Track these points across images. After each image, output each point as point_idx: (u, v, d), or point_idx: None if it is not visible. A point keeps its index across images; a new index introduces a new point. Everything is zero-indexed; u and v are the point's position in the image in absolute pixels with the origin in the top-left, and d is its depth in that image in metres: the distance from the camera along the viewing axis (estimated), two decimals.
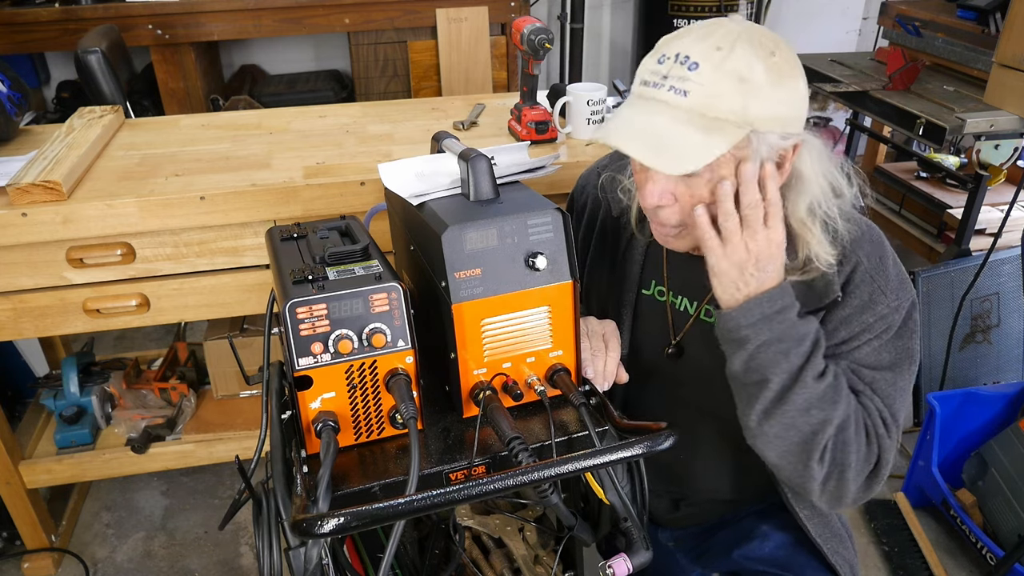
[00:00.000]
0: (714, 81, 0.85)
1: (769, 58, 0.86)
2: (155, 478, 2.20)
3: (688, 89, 0.86)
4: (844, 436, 0.95)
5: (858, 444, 0.96)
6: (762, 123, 0.87)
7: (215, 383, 2.02)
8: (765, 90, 0.86)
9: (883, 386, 0.99)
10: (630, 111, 0.93)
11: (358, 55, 3.08)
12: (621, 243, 1.15)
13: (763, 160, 0.90)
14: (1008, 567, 1.71)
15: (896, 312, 0.99)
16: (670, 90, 0.87)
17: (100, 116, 1.80)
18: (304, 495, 0.81)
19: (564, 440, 0.92)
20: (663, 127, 0.88)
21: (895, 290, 0.99)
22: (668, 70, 0.88)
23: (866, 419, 0.98)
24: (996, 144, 2.41)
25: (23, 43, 2.81)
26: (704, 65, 0.85)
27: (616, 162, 1.18)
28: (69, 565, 1.94)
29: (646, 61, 0.92)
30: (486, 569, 1.19)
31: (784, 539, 1.15)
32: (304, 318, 0.83)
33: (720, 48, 0.85)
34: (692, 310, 1.11)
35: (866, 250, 1.00)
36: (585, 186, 1.25)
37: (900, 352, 1.00)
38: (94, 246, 1.48)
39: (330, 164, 1.60)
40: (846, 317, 0.99)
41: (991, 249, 2.12)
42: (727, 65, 0.85)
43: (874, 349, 0.99)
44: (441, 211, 0.92)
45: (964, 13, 2.39)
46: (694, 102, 0.86)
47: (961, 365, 2.27)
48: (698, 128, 0.86)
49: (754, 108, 0.86)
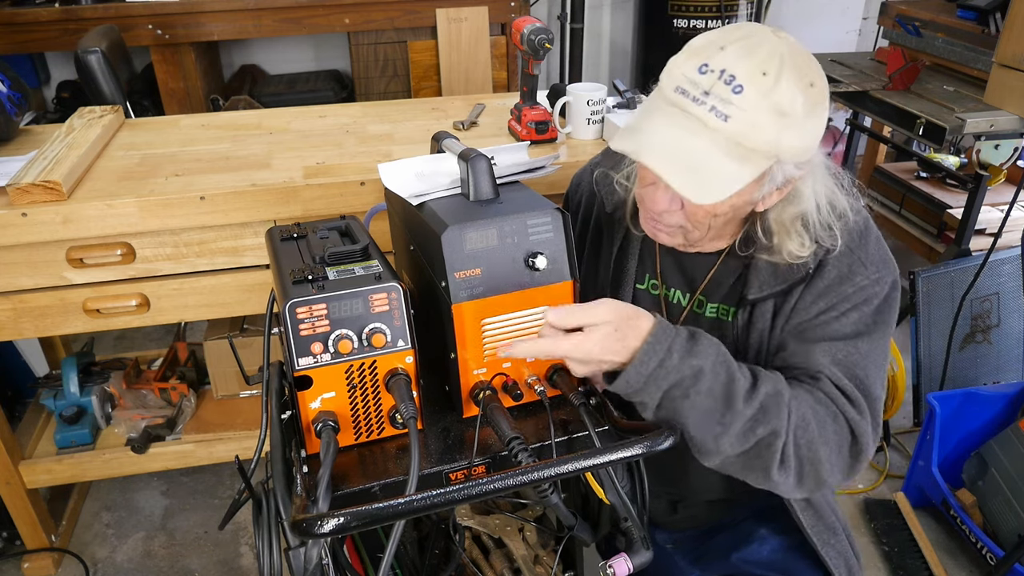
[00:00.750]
0: (756, 110, 0.84)
1: (808, 89, 0.86)
2: (155, 478, 2.20)
3: (730, 114, 0.84)
4: (805, 437, 0.91)
5: (824, 438, 0.93)
6: (787, 154, 0.87)
7: (215, 383, 2.02)
8: (799, 123, 0.86)
9: (856, 359, 0.97)
10: (665, 122, 0.88)
11: (358, 55, 3.08)
12: (615, 239, 1.15)
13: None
14: (1008, 567, 1.71)
15: (876, 285, 0.98)
16: (711, 111, 0.84)
17: (100, 116, 1.80)
18: (304, 495, 0.81)
19: (564, 440, 0.92)
20: (701, 152, 0.86)
21: (875, 263, 0.98)
22: (711, 86, 0.85)
23: (831, 408, 0.94)
24: (996, 144, 2.41)
25: (23, 43, 2.81)
26: (749, 91, 0.83)
27: (610, 158, 1.18)
28: (69, 565, 1.94)
29: (682, 64, 0.88)
30: (486, 569, 1.19)
31: (782, 542, 1.15)
32: (304, 318, 0.83)
33: (766, 73, 0.84)
34: (685, 302, 1.11)
35: (848, 230, 0.99)
36: (579, 184, 1.26)
37: (877, 325, 0.98)
38: (94, 246, 1.48)
39: (330, 164, 1.60)
40: (823, 289, 0.98)
41: (991, 249, 2.12)
42: (773, 96, 0.83)
43: (851, 321, 0.98)
44: (441, 211, 0.92)
45: (964, 13, 2.39)
46: (733, 129, 0.84)
47: (961, 365, 2.27)
48: (733, 157, 0.85)
49: (785, 140, 0.86)
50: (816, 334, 0.99)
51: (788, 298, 1.01)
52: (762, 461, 0.91)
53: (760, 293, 1.01)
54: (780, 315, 1.02)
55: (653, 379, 0.86)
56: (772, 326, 1.02)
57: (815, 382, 0.96)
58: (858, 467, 0.97)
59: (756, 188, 0.92)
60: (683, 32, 3.37)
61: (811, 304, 0.99)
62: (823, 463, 0.93)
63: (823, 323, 0.99)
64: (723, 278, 1.08)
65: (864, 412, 0.96)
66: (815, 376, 0.97)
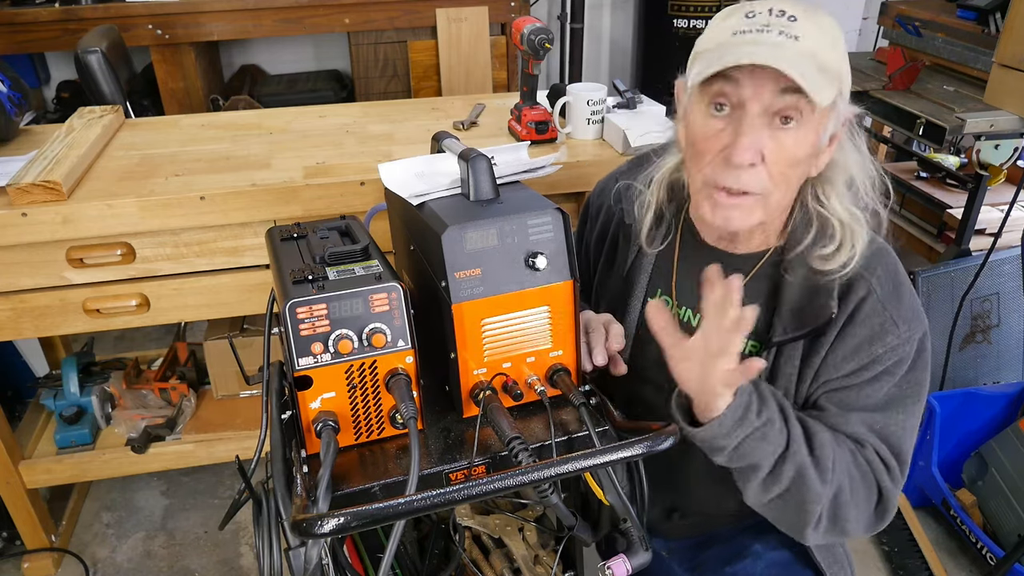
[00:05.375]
0: (816, 34, 0.86)
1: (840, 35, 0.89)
2: (155, 478, 2.20)
3: (798, 34, 0.85)
4: (839, 501, 0.95)
5: (856, 503, 0.96)
6: (845, 85, 0.90)
7: (215, 383, 2.02)
8: (844, 57, 0.89)
9: (893, 429, 0.97)
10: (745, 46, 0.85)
11: (358, 55, 3.08)
12: (632, 250, 1.14)
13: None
14: (1008, 567, 1.71)
15: (907, 344, 0.96)
16: (780, 34, 0.85)
17: (100, 116, 1.80)
18: (304, 495, 0.81)
19: (564, 440, 0.92)
20: (792, 57, 0.84)
21: (907, 320, 0.96)
22: (768, 21, 0.86)
23: (868, 476, 0.97)
24: (996, 144, 2.41)
25: (23, 43, 2.81)
26: (802, 19, 0.86)
27: (633, 169, 1.16)
28: (69, 565, 1.94)
29: (727, 20, 0.89)
30: (486, 569, 1.19)
31: (775, 559, 1.14)
32: (304, 318, 0.83)
33: (807, 10, 0.87)
34: (695, 322, 1.10)
35: (879, 277, 0.97)
36: (603, 192, 1.23)
37: (911, 388, 0.98)
38: (94, 246, 1.48)
39: (330, 164, 1.60)
40: (855, 347, 0.96)
41: (991, 249, 2.12)
42: (822, 23, 0.87)
43: (885, 387, 0.97)
44: (441, 211, 0.92)
45: (964, 13, 2.38)
46: (806, 46, 0.85)
47: (961, 365, 2.27)
48: (817, 69, 0.86)
49: (843, 70, 0.89)
50: (851, 399, 0.98)
51: (816, 347, 0.98)
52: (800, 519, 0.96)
53: (784, 336, 0.99)
54: (809, 366, 0.99)
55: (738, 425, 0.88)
56: (800, 376, 1.00)
57: (858, 447, 0.98)
58: (880, 525, 1.00)
59: (825, 124, 0.91)
60: (683, 32, 3.37)
61: (842, 362, 0.97)
62: (849, 522, 0.96)
63: (857, 387, 0.97)
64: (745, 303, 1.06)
65: (897, 479, 0.98)
66: (856, 440, 0.98)
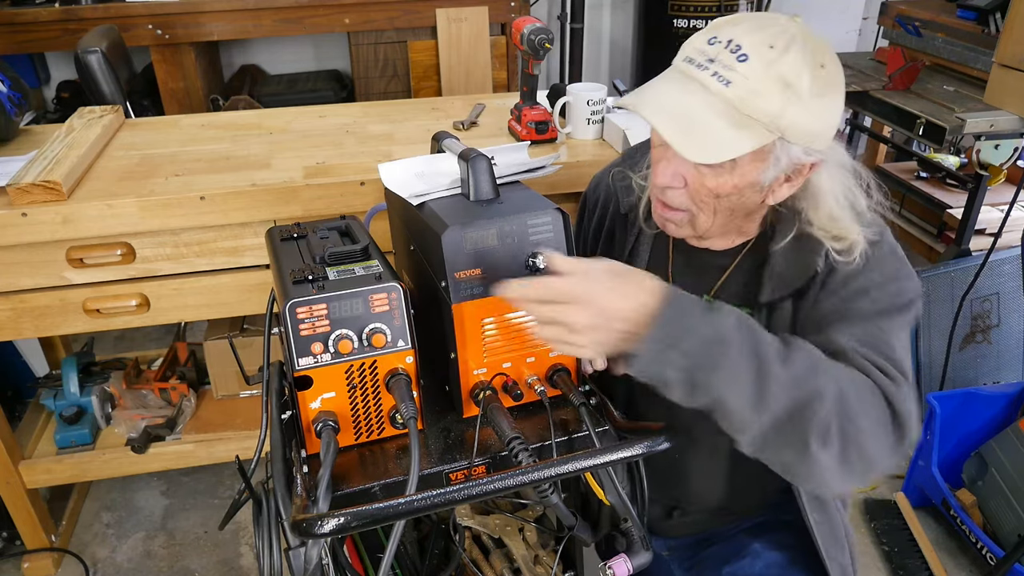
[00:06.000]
0: (759, 79, 0.84)
1: (818, 69, 0.86)
2: (155, 478, 2.20)
3: (732, 80, 0.85)
4: (845, 405, 0.84)
5: (864, 410, 0.85)
6: (792, 133, 0.87)
7: (215, 383, 2.02)
8: (805, 100, 0.85)
9: (880, 336, 0.93)
10: (666, 85, 0.91)
11: (358, 55, 3.08)
12: (628, 239, 1.15)
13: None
14: (1008, 567, 1.71)
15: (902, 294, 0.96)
16: (714, 75, 0.86)
17: (100, 116, 1.80)
18: (304, 495, 0.81)
19: (564, 440, 0.92)
20: (696, 111, 0.87)
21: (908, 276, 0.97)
22: (716, 54, 0.87)
23: (867, 381, 0.88)
24: (996, 144, 2.41)
25: (23, 43, 2.81)
26: (753, 60, 0.85)
27: (628, 159, 1.18)
28: (69, 565, 1.94)
29: (695, 39, 0.91)
30: (486, 569, 1.19)
31: (774, 559, 1.14)
32: (304, 318, 0.83)
33: (773, 47, 0.85)
34: None
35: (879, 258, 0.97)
36: (598, 184, 1.25)
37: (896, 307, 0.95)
38: (94, 246, 1.48)
39: (330, 164, 1.60)
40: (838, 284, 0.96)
41: (991, 249, 2.12)
42: (777, 67, 0.84)
43: (869, 301, 0.95)
44: (441, 211, 0.92)
45: (964, 13, 2.39)
46: (733, 94, 0.85)
47: (961, 365, 2.27)
48: (729, 122, 0.86)
49: (789, 116, 0.85)
50: (832, 319, 0.95)
51: (803, 302, 0.99)
52: (800, 432, 0.82)
53: (773, 296, 0.99)
54: (799, 322, 0.99)
55: (676, 342, 0.79)
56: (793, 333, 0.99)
57: (845, 358, 0.90)
58: (902, 445, 0.89)
59: (759, 168, 0.90)
60: (683, 32, 3.37)
61: (824, 300, 0.97)
62: (867, 436, 0.85)
63: (838, 310, 0.96)
64: (736, 280, 1.06)
65: (900, 383, 0.89)
66: (842, 355, 0.91)
